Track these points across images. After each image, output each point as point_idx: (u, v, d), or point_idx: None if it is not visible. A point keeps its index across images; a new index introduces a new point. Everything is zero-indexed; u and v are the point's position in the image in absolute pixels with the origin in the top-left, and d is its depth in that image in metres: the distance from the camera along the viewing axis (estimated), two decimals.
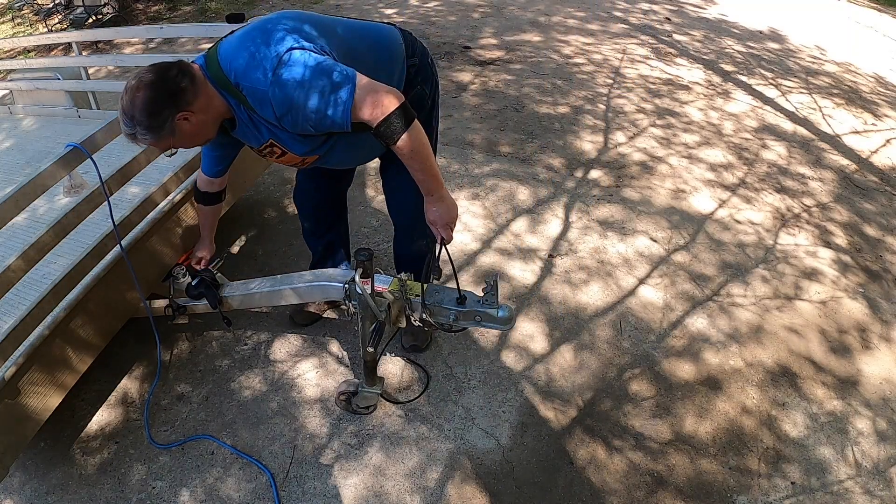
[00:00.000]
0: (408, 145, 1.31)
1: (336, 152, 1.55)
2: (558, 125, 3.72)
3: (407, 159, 1.35)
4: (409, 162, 1.36)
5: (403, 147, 1.32)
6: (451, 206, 1.47)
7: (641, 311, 2.35)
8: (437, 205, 1.45)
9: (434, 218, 1.48)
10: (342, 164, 1.77)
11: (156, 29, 4.36)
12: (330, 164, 1.66)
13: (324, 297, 1.81)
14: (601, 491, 1.75)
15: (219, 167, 1.76)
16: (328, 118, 1.29)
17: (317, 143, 1.47)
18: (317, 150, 1.50)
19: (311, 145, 1.47)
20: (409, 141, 1.31)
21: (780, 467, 1.83)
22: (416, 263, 1.91)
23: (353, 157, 1.73)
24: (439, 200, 1.45)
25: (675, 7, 6.56)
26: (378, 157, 1.78)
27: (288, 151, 1.49)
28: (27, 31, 6.59)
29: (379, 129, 1.29)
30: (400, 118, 1.28)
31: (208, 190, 1.82)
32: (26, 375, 1.53)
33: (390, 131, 1.29)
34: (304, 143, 1.45)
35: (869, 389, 2.10)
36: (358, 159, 1.78)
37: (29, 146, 2.74)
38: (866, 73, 5.17)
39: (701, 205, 3.02)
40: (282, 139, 1.45)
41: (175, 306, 2.00)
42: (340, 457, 1.83)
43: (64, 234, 1.60)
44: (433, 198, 1.45)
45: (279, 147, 1.48)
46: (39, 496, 1.76)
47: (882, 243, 2.86)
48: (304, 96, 1.26)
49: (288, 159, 1.55)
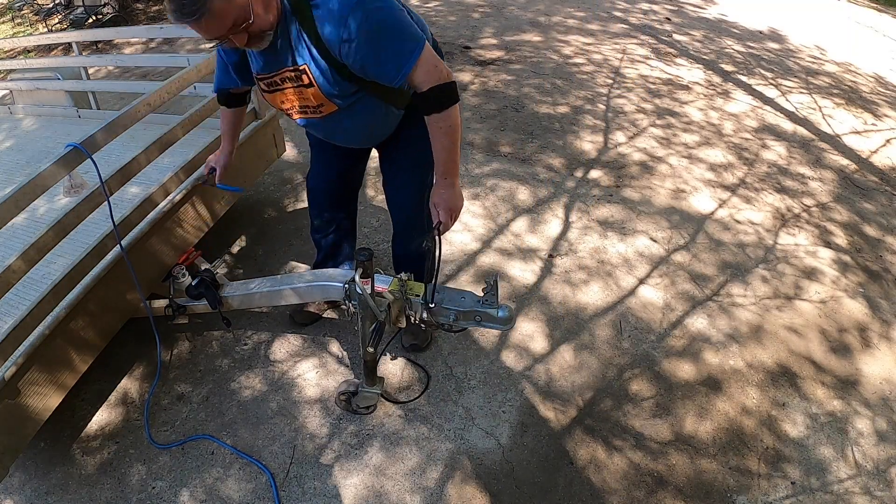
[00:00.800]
0: (449, 119, 1.38)
1: (353, 114, 1.50)
2: (558, 125, 3.72)
3: (441, 133, 1.39)
4: (442, 137, 1.40)
5: (446, 118, 1.37)
6: (458, 195, 1.50)
7: (641, 311, 2.35)
8: (447, 189, 1.47)
9: (439, 200, 1.48)
10: (348, 137, 1.66)
11: (156, 29, 4.36)
12: (336, 134, 1.62)
13: (324, 297, 1.81)
14: (601, 491, 1.75)
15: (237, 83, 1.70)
16: (387, 64, 1.31)
17: (346, 92, 1.43)
18: (342, 98, 1.44)
19: (340, 90, 1.42)
20: (452, 115, 1.38)
21: (780, 467, 1.83)
22: (415, 263, 1.91)
23: (362, 130, 1.62)
24: (451, 186, 1.47)
25: (674, 7, 6.56)
26: (380, 146, 1.77)
27: (314, 85, 1.41)
28: (27, 31, 6.59)
29: (430, 93, 1.34)
30: (452, 91, 1.36)
31: (234, 92, 1.77)
32: (26, 375, 1.53)
33: (441, 98, 1.35)
34: (337, 85, 1.40)
35: (869, 389, 2.10)
36: (364, 135, 1.67)
37: (29, 146, 2.74)
38: (866, 73, 5.17)
39: (701, 205, 3.02)
40: (319, 70, 1.38)
41: (175, 306, 2.00)
42: (340, 457, 1.83)
43: (64, 234, 1.60)
44: (446, 182, 1.47)
45: (309, 76, 1.39)
46: (39, 496, 1.76)
47: (882, 243, 2.86)
48: (378, 32, 1.28)
49: (305, 96, 1.46)
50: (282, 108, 1.58)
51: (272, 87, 1.50)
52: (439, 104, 1.36)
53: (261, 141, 2.47)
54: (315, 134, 1.74)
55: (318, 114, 1.51)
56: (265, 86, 1.51)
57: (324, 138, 1.72)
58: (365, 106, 1.50)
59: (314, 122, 1.57)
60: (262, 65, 1.47)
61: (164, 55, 4.60)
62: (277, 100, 1.53)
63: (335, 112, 1.49)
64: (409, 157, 1.71)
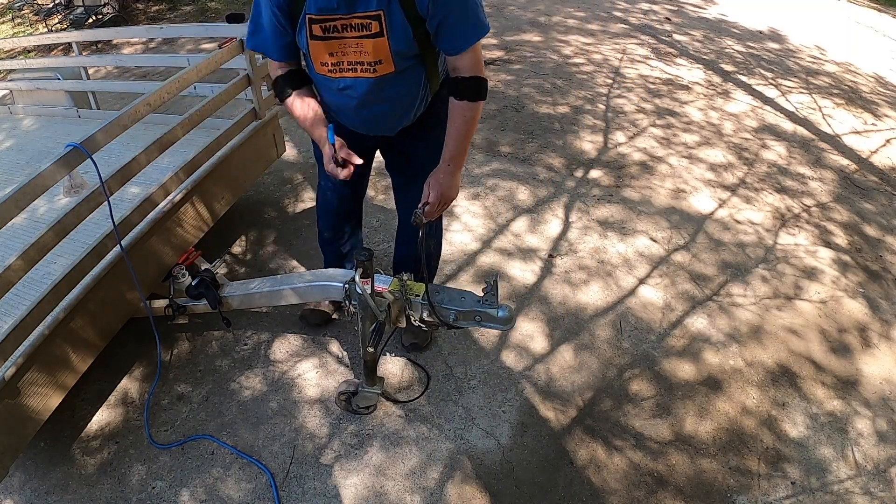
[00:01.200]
0: (474, 110, 1.41)
1: (399, 82, 1.43)
2: (558, 125, 3.72)
3: (462, 121, 1.42)
4: (462, 125, 1.43)
5: (472, 109, 1.41)
6: (456, 186, 1.51)
7: (641, 311, 2.35)
8: (447, 176, 1.48)
9: (435, 183, 1.48)
10: (381, 110, 1.52)
11: (156, 29, 4.37)
12: (374, 104, 1.49)
13: (324, 296, 1.81)
14: (601, 491, 1.75)
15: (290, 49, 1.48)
16: (461, 28, 1.31)
17: (409, 53, 1.37)
18: (402, 59, 1.38)
19: (406, 48, 1.35)
20: (477, 109, 1.42)
21: (780, 467, 1.83)
22: (417, 264, 1.90)
23: (399, 103, 1.52)
24: (452, 174, 1.48)
25: (674, 7, 6.56)
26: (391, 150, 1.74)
27: (384, 36, 1.32)
28: (27, 31, 6.59)
29: (472, 80, 1.37)
30: (486, 88, 1.40)
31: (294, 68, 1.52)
32: (26, 375, 1.53)
33: (479, 89, 1.39)
34: (405, 43, 1.34)
35: (869, 389, 2.10)
36: (398, 111, 1.55)
37: (29, 146, 2.74)
38: (866, 73, 5.17)
39: (701, 205, 3.02)
40: (394, 21, 1.30)
41: (175, 306, 2.00)
42: (340, 457, 1.83)
43: (64, 234, 1.60)
44: (449, 168, 1.48)
45: (382, 25, 1.30)
46: (39, 496, 1.76)
47: (882, 243, 2.86)
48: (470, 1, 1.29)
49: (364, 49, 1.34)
50: (323, 62, 1.40)
51: (329, 32, 1.34)
52: (475, 93, 1.39)
53: (261, 141, 2.47)
54: (344, 105, 1.53)
55: (370, 72, 1.39)
56: (321, 29, 1.34)
57: (353, 113, 1.55)
58: (413, 75, 1.45)
59: (359, 84, 1.42)
60: (327, 4, 1.29)
61: (164, 55, 4.61)
62: (326, 50, 1.37)
63: (386, 75, 1.39)
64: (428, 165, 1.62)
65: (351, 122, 1.59)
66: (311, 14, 1.32)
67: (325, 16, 1.31)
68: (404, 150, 1.74)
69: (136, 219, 1.85)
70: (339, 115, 1.59)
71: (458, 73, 1.39)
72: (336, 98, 1.52)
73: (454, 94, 1.42)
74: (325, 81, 1.47)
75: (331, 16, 1.31)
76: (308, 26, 1.34)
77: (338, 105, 1.55)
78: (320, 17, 1.32)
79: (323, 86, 1.52)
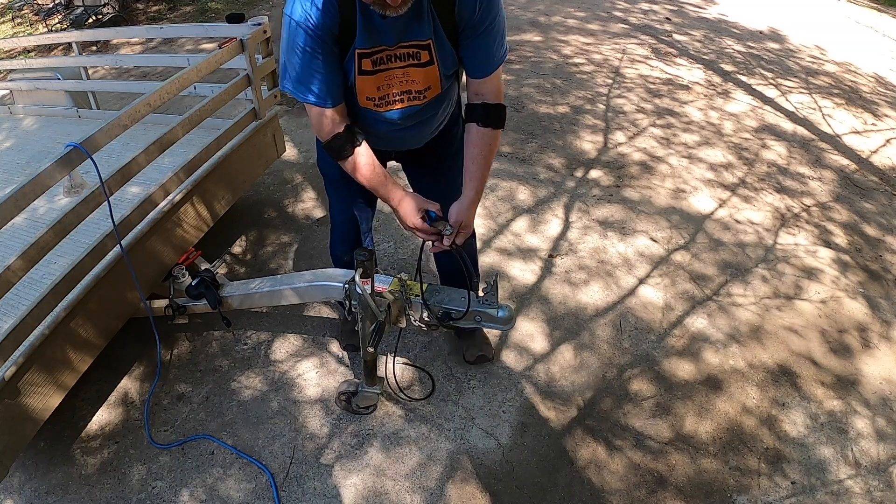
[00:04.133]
0: (497, 139, 1.41)
1: (441, 101, 1.42)
2: (558, 125, 3.72)
3: (488, 150, 1.40)
4: (488, 154, 1.41)
5: (496, 138, 1.40)
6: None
7: (641, 310, 2.35)
8: (473, 207, 1.45)
9: (466, 220, 1.43)
10: (423, 129, 1.49)
11: (156, 29, 4.37)
12: (423, 124, 1.45)
13: (324, 296, 1.81)
14: (601, 491, 1.75)
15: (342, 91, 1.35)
16: (491, 50, 1.30)
17: (451, 73, 1.37)
18: (447, 80, 1.37)
19: (451, 70, 1.35)
20: (499, 137, 1.41)
21: (780, 467, 1.83)
22: (457, 273, 1.77)
23: (438, 118, 1.50)
24: (475, 205, 1.45)
25: (675, 7, 6.56)
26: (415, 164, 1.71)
27: (434, 63, 1.29)
28: (27, 31, 6.58)
29: (498, 108, 1.37)
30: (505, 116, 1.41)
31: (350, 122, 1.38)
32: (26, 375, 1.53)
33: (503, 117, 1.39)
34: (451, 65, 1.34)
35: (869, 389, 2.10)
36: (436, 124, 1.53)
37: (29, 146, 2.74)
38: (866, 73, 5.16)
39: (701, 205, 3.02)
40: (443, 47, 1.28)
41: (175, 306, 2.00)
42: (340, 457, 1.83)
43: (64, 234, 1.59)
44: (475, 200, 1.44)
45: (432, 54, 1.28)
46: (39, 496, 1.76)
47: (882, 243, 2.86)
48: (501, 18, 1.28)
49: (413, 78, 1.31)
50: (369, 96, 1.33)
51: (379, 64, 1.28)
52: (500, 121, 1.38)
53: (261, 141, 2.47)
54: (383, 131, 1.45)
55: (419, 100, 1.36)
56: (371, 63, 1.28)
57: (389, 137, 1.47)
58: (451, 91, 1.45)
59: (407, 112, 1.37)
60: (378, 37, 1.23)
61: (164, 55, 4.60)
62: (374, 84, 1.31)
63: (435, 97, 1.37)
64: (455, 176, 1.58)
65: (383, 145, 1.51)
66: (361, 48, 1.25)
67: (375, 48, 1.25)
68: (423, 156, 1.65)
69: (136, 219, 1.85)
70: (371, 138, 1.47)
71: (484, 99, 1.37)
72: (376, 126, 1.43)
73: (479, 121, 1.37)
74: (370, 114, 1.38)
75: (379, 48, 1.25)
76: (357, 61, 1.27)
77: (375, 131, 1.45)
78: (371, 49, 1.25)
79: (362, 117, 1.41)
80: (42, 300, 1.53)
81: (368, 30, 1.22)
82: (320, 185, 3.12)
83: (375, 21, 1.20)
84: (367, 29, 1.21)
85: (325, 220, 2.86)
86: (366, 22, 1.20)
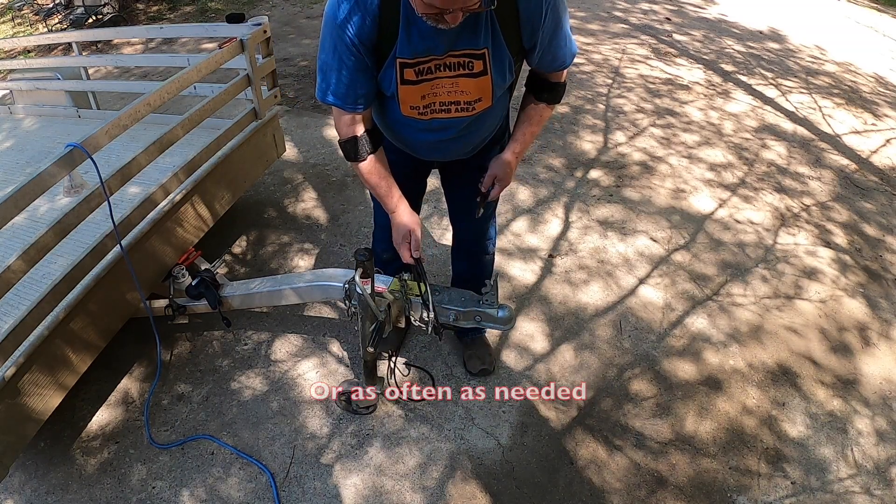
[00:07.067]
0: (550, 114, 1.47)
1: (491, 114, 1.38)
2: (558, 125, 3.72)
3: (539, 122, 1.45)
4: (537, 126, 1.45)
5: (550, 112, 1.46)
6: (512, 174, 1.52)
7: (641, 310, 2.35)
8: (515, 163, 1.48)
9: (502, 174, 1.47)
10: (468, 142, 1.47)
11: (156, 29, 4.37)
12: (469, 136, 1.42)
13: (324, 297, 1.81)
14: (601, 491, 1.75)
15: (368, 98, 1.31)
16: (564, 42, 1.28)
17: (506, 84, 1.32)
18: (501, 90, 1.33)
19: (507, 81, 1.30)
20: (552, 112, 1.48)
21: (780, 467, 1.83)
22: (476, 281, 1.79)
23: (486, 130, 1.48)
24: (515, 167, 1.49)
25: (675, 7, 6.56)
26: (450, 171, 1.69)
27: (488, 73, 1.24)
28: (27, 31, 6.59)
29: (563, 87, 1.41)
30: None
31: (368, 126, 1.36)
32: (26, 375, 1.53)
33: (562, 95, 1.42)
34: (506, 76, 1.28)
35: (869, 389, 2.10)
36: (484, 136, 1.50)
37: (29, 146, 2.74)
38: (866, 73, 5.16)
39: (701, 204, 3.02)
40: (500, 57, 1.23)
41: (175, 306, 2.00)
42: (340, 457, 1.83)
43: (64, 234, 1.59)
44: (516, 161, 1.48)
45: (486, 63, 1.22)
46: (39, 496, 1.76)
47: (882, 243, 2.86)
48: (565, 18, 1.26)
49: (463, 88, 1.26)
50: (413, 105, 1.29)
51: (424, 74, 1.23)
52: (559, 98, 1.42)
53: (261, 141, 2.47)
54: (425, 141, 1.42)
55: (467, 111, 1.31)
56: (414, 73, 1.23)
57: (431, 147, 1.45)
58: (502, 102, 1.43)
59: (453, 123, 1.33)
60: (424, 44, 1.17)
61: (164, 55, 4.60)
62: (418, 93, 1.26)
63: (485, 109, 1.32)
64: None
65: (426, 154, 1.50)
66: (403, 58, 1.20)
67: (422, 58, 1.20)
68: (463, 170, 1.60)
69: (136, 219, 1.85)
70: (410, 147, 1.47)
71: (556, 80, 1.38)
72: (418, 136, 1.40)
73: (551, 100, 1.41)
74: (411, 122, 1.34)
75: (426, 57, 1.20)
76: (398, 70, 1.22)
77: (417, 141, 1.43)
78: (415, 59, 1.20)
79: (404, 125, 1.37)
80: (42, 300, 1.53)
81: (412, 37, 1.17)
82: (320, 185, 3.12)
83: (423, 28, 1.14)
84: (409, 36, 1.17)
85: (325, 221, 2.86)
86: (409, 29, 1.16)
